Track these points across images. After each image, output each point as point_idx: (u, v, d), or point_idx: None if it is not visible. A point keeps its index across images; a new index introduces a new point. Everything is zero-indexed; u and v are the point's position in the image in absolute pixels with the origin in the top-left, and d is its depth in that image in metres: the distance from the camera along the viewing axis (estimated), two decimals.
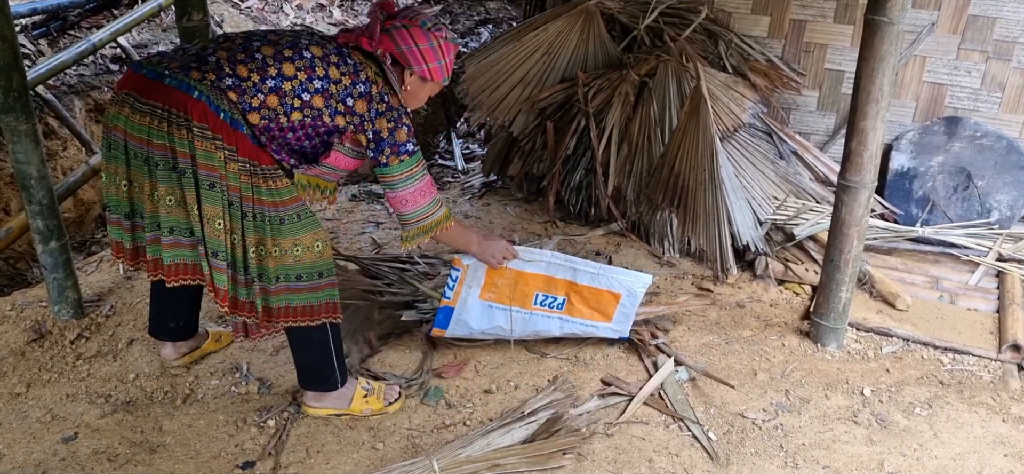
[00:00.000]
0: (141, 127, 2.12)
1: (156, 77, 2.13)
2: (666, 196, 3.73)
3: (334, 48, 2.28)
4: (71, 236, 3.51)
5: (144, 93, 2.12)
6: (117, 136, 2.18)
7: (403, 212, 2.41)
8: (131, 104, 2.13)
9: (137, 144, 2.15)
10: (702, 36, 4.15)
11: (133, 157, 2.18)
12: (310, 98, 2.20)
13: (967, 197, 3.91)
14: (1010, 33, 3.80)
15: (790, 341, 3.10)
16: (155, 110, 2.10)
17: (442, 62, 2.41)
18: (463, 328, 2.88)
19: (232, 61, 2.15)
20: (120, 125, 2.16)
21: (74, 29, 4.74)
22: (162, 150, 2.13)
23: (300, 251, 2.29)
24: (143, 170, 2.18)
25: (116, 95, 2.20)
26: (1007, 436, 2.60)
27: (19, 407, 2.69)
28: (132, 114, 2.13)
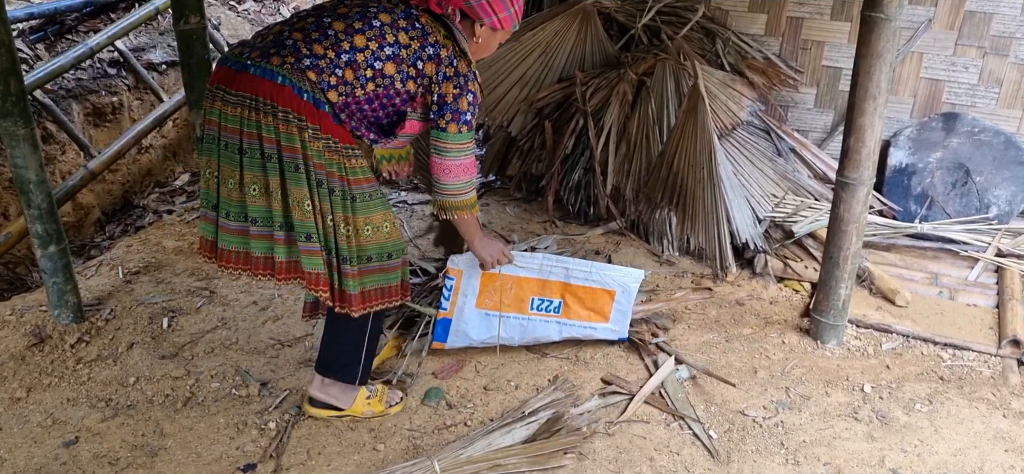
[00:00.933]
0: (234, 118, 2.16)
1: (241, 68, 2.16)
2: (665, 195, 3.73)
3: (402, 12, 2.27)
4: (70, 240, 3.51)
5: (232, 84, 2.15)
6: (211, 130, 2.21)
7: (443, 181, 2.37)
8: (222, 97, 2.17)
9: (231, 135, 2.18)
10: (699, 34, 4.15)
11: (224, 148, 2.21)
12: (382, 66, 2.21)
13: (965, 193, 3.92)
14: (1007, 28, 3.80)
15: (790, 338, 3.10)
16: (244, 100, 2.13)
17: (511, 10, 2.40)
18: (463, 338, 2.88)
19: (308, 41, 2.17)
20: (214, 118, 2.20)
21: (71, 33, 4.73)
22: (251, 138, 2.16)
23: (370, 231, 2.30)
24: (233, 161, 2.20)
25: (209, 90, 2.23)
26: (1007, 431, 2.60)
27: (20, 412, 2.69)
28: (224, 107, 2.17)
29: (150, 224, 4.35)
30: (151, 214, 4.60)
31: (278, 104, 2.11)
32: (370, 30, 2.20)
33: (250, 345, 3.07)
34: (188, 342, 3.09)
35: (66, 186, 3.94)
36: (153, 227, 4.19)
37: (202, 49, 3.62)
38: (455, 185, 2.38)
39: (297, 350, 3.04)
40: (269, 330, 3.18)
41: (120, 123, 4.69)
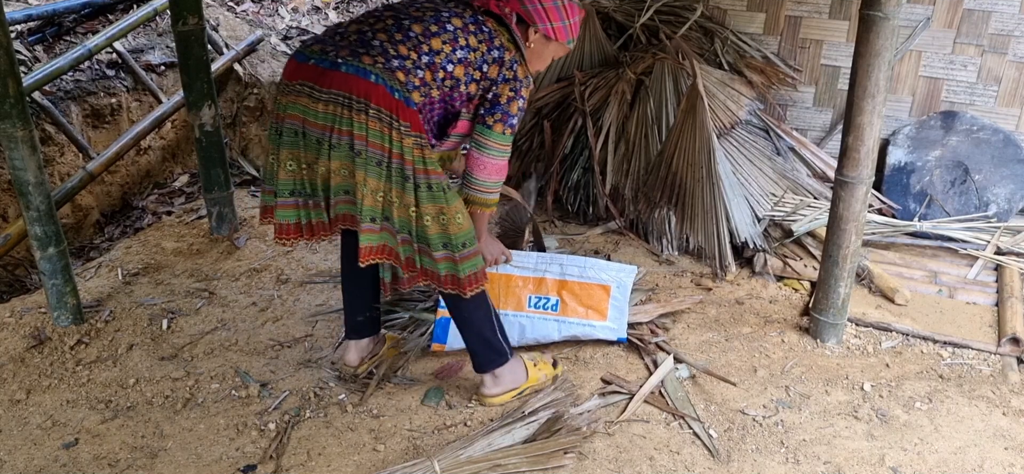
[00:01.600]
0: (324, 115, 2.19)
1: (331, 66, 2.19)
2: (664, 194, 3.73)
3: (471, 17, 2.34)
4: (69, 242, 3.50)
5: (321, 82, 2.19)
6: (294, 123, 2.24)
7: (477, 176, 2.43)
8: (308, 93, 2.20)
9: (319, 131, 2.22)
10: (698, 33, 4.15)
11: (304, 137, 2.25)
12: (453, 68, 2.27)
13: (965, 191, 3.92)
14: (1005, 27, 3.80)
15: (790, 337, 3.11)
16: (337, 98, 2.17)
17: (566, 22, 2.44)
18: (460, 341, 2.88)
19: (393, 42, 2.23)
20: (298, 113, 2.23)
21: (70, 35, 4.72)
22: (342, 135, 2.20)
23: (461, 219, 2.33)
24: (318, 150, 2.24)
25: (288, 85, 2.26)
26: (1007, 429, 2.60)
27: (19, 414, 2.69)
28: (312, 103, 2.20)
29: (149, 225, 4.35)
30: (150, 215, 4.59)
31: (371, 101, 2.15)
32: (445, 33, 2.27)
33: (250, 346, 3.07)
34: (187, 343, 3.09)
35: (65, 188, 3.93)
36: (152, 228, 4.19)
37: (200, 50, 3.62)
38: (487, 182, 2.45)
39: (297, 351, 3.04)
40: (269, 331, 3.18)
41: (119, 124, 4.68)
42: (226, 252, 3.83)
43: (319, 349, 3.05)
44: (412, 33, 2.25)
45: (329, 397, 2.76)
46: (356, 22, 2.34)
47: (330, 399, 2.75)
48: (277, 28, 5.85)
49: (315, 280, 3.54)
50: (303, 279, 3.56)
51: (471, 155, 2.43)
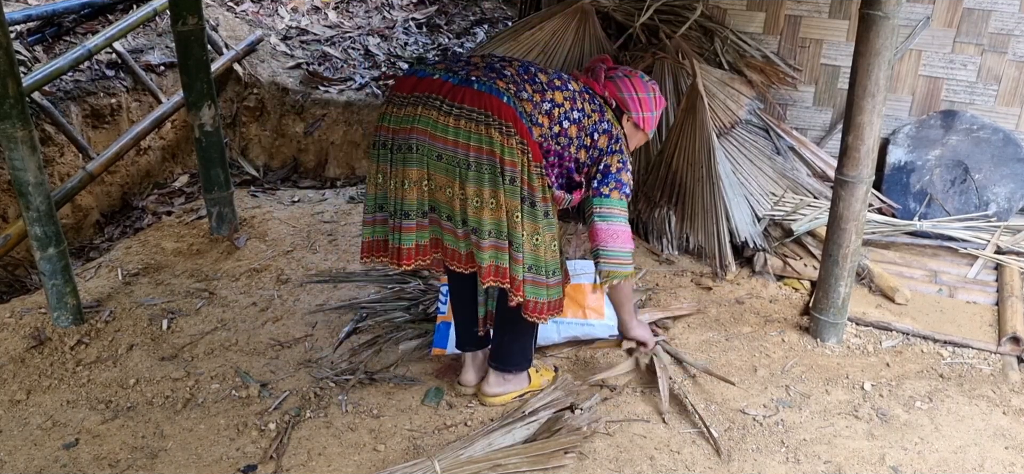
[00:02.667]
0: (455, 130, 2.22)
1: (462, 82, 2.24)
2: (664, 193, 3.73)
3: (585, 87, 2.49)
4: (69, 242, 3.50)
5: (452, 97, 2.23)
6: (421, 139, 2.25)
7: (610, 246, 2.47)
8: (437, 107, 2.23)
9: (442, 145, 2.24)
10: (698, 33, 4.15)
11: (435, 158, 2.26)
12: (568, 126, 2.37)
13: (965, 190, 3.92)
14: (1005, 26, 3.80)
15: (790, 337, 3.10)
16: (471, 114, 2.21)
17: (654, 113, 2.60)
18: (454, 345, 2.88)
19: (521, 79, 2.32)
20: (421, 127, 2.24)
21: (69, 35, 4.72)
22: (477, 152, 2.23)
23: (555, 247, 2.40)
24: (447, 167, 2.26)
25: (406, 97, 2.28)
26: (1008, 428, 2.60)
27: (19, 414, 2.69)
28: (440, 117, 2.23)
29: (149, 226, 4.35)
30: (150, 216, 4.60)
31: (503, 119, 2.21)
32: (566, 91, 2.38)
33: (250, 346, 3.07)
34: (188, 343, 3.09)
35: (65, 188, 3.93)
36: (152, 229, 4.19)
37: (200, 50, 3.62)
38: (621, 251, 2.48)
39: (297, 351, 3.04)
40: (269, 331, 3.18)
41: (118, 125, 4.68)
42: (226, 252, 3.83)
43: (319, 349, 3.05)
44: (538, 79, 2.35)
45: (329, 397, 2.76)
46: (479, 55, 2.42)
47: (330, 399, 2.75)
48: (277, 28, 5.85)
49: (315, 280, 3.54)
50: (303, 279, 3.56)
51: (598, 230, 2.47)
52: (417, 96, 2.26)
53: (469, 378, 2.76)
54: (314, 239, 3.96)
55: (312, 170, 5.25)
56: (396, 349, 3.02)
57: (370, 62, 5.72)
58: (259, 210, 4.31)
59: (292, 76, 5.35)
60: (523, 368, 2.69)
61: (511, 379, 2.70)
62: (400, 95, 2.29)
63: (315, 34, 5.95)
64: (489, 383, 2.69)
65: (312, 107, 5.20)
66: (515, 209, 2.27)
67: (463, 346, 2.76)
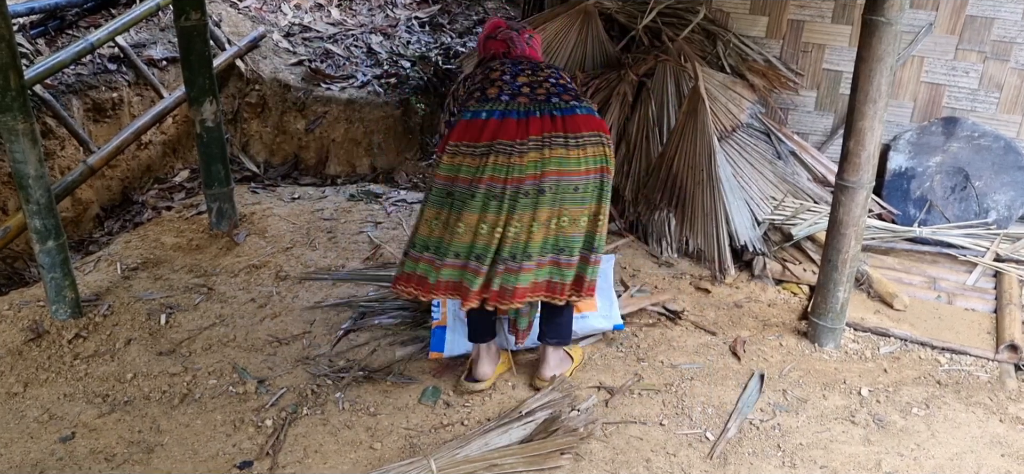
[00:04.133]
0: (587, 159, 2.32)
1: (569, 111, 2.34)
2: (664, 196, 3.73)
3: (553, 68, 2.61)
4: (69, 235, 3.51)
5: (569, 128, 2.32)
6: (552, 179, 2.32)
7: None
8: (563, 144, 2.31)
9: (576, 178, 2.33)
10: (700, 36, 4.15)
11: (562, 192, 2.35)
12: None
13: (965, 197, 3.92)
14: (1008, 33, 3.80)
15: (788, 341, 3.10)
16: (592, 139, 2.34)
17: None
18: (460, 346, 2.88)
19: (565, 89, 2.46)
20: (553, 168, 2.31)
21: (72, 28, 4.72)
22: (596, 173, 2.34)
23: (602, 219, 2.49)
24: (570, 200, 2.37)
25: (524, 143, 2.30)
26: (1004, 436, 2.60)
27: (16, 407, 2.69)
28: (569, 152, 2.32)
29: (149, 220, 4.35)
30: (150, 210, 4.59)
31: (606, 133, 2.36)
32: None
33: (247, 342, 3.07)
34: (186, 339, 3.09)
35: (65, 181, 3.93)
36: (152, 223, 4.19)
37: (203, 46, 3.62)
38: None
39: (294, 348, 3.04)
40: (267, 328, 3.18)
41: (120, 119, 4.68)
42: (225, 248, 3.83)
43: (317, 346, 3.05)
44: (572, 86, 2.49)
45: (326, 394, 2.76)
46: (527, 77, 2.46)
47: (327, 396, 2.75)
48: (279, 25, 5.85)
49: (314, 277, 3.54)
50: (302, 276, 3.56)
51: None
52: (538, 139, 2.31)
53: (485, 371, 2.77)
54: (314, 236, 3.96)
55: (313, 167, 5.25)
56: (393, 351, 3.02)
57: (372, 60, 5.71)
58: (259, 206, 4.31)
59: (294, 73, 5.35)
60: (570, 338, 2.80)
61: (563, 361, 2.80)
62: (509, 142, 2.30)
63: (317, 31, 5.95)
64: (548, 365, 2.76)
65: (314, 104, 5.20)
66: (582, 214, 2.41)
67: (478, 338, 2.75)
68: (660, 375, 2.88)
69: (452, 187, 2.35)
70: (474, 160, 2.31)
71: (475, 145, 2.32)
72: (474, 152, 2.32)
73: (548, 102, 2.36)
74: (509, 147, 2.30)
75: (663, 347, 3.06)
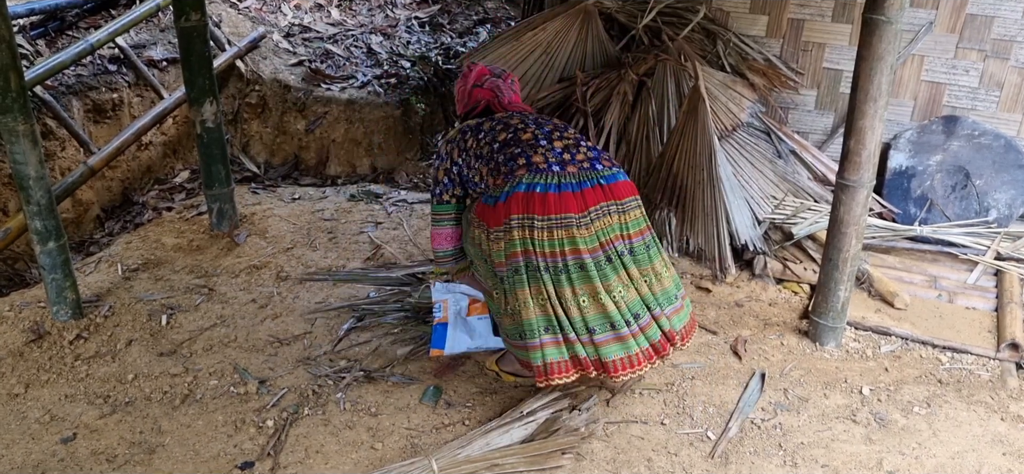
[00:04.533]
0: (635, 222, 2.39)
1: (611, 179, 2.39)
2: (664, 195, 3.73)
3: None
4: (69, 236, 3.50)
5: (617, 195, 2.37)
6: (623, 242, 2.37)
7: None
8: (621, 210, 2.37)
9: (639, 239, 2.38)
10: (700, 35, 4.15)
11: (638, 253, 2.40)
12: None
13: (965, 196, 3.92)
14: (1008, 32, 3.80)
15: (789, 340, 3.10)
16: (635, 202, 2.42)
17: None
18: (461, 344, 2.88)
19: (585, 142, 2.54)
20: (619, 232, 2.36)
21: (72, 29, 4.72)
22: (646, 233, 2.43)
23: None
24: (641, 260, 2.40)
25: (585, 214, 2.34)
26: (1005, 434, 2.60)
27: (18, 408, 2.69)
28: (622, 218, 2.37)
29: (149, 221, 4.35)
30: (150, 211, 4.59)
31: (626, 196, 2.40)
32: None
33: (248, 343, 3.07)
34: (187, 339, 3.09)
35: (66, 182, 3.93)
36: (152, 224, 4.19)
37: (203, 46, 3.62)
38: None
39: (295, 348, 3.04)
40: (268, 328, 3.18)
41: (120, 120, 4.68)
42: (226, 249, 3.83)
43: (318, 347, 3.05)
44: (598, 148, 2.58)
45: (327, 395, 2.76)
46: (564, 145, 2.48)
47: (328, 397, 2.75)
48: (279, 25, 5.85)
49: (315, 278, 3.54)
50: (303, 276, 3.56)
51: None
52: (598, 209, 2.34)
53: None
54: (314, 236, 3.96)
55: (313, 168, 5.25)
56: (394, 350, 3.02)
57: (372, 60, 5.71)
58: (260, 207, 4.31)
59: (294, 73, 5.35)
60: None
61: None
62: (575, 215, 2.31)
63: (317, 31, 5.95)
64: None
65: (314, 104, 5.20)
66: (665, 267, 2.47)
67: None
68: (661, 374, 2.88)
69: (534, 261, 2.33)
70: (542, 234, 2.31)
71: (536, 218, 2.31)
72: (538, 225, 2.31)
73: (594, 170, 2.41)
74: (573, 220, 2.31)
75: None
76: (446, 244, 2.71)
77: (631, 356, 2.39)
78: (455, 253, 2.71)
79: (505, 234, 2.35)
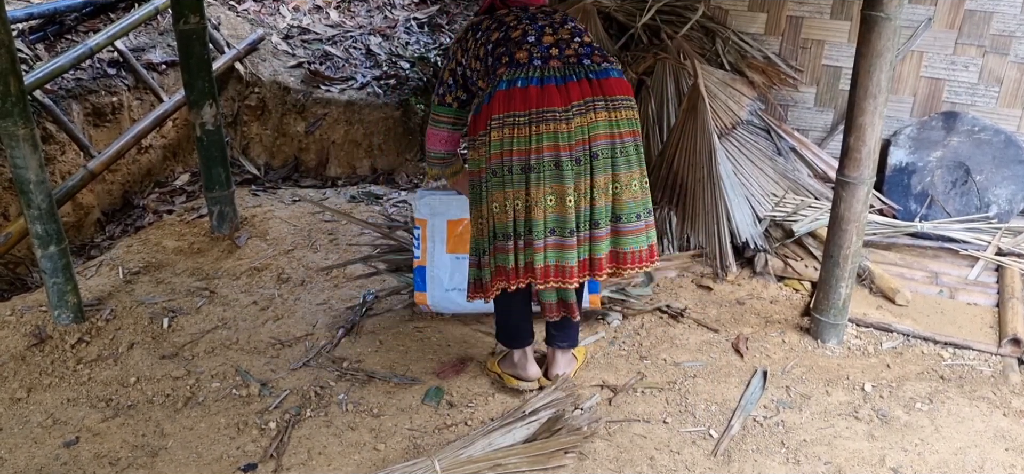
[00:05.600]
0: (624, 122, 2.26)
1: (603, 74, 2.28)
2: (665, 194, 3.73)
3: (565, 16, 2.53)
4: (70, 240, 3.51)
5: (606, 91, 2.26)
6: (602, 143, 2.26)
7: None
8: (606, 106, 2.26)
9: (621, 140, 2.27)
10: (699, 33, 4.15)
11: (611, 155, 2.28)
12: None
13: (966, 192, 3.91)
14: (1007, 27, 3.80)
15: (790, 337, 3.10)
16: (626, 102, 2.27)
17: None
18: (438, 288, 2.87)
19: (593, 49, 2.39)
20: (602, 131, 2.25)
21: (71, 33, 4.72)
22: (630, 136, 2.27)
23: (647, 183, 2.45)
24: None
25: (566, 109, 2.25)
26: (1008, 430, 2.60)
27: (20, 412, 2.69)
28: (610, 114, 2.26)
29: (150, 224, 4.35)
30: (151, 214, 4.59)
31: (619, 95, 2.28)
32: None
33: (250, 345, 3.07)
34: (188, 342, 3.09)
35: (66, 186, 3.93)
36: (153, 227, 4.19)
37: (202, 49, 3.63)
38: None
39: (297, 350, 3.04)
40: (269, 330, 3.18)
41: (120, 123, 4.68)
42: (227, 251, 3.83)
43: (320, 348, 3.05)
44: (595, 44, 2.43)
45: (330, 396, 2.76)
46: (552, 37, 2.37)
47: (330, 398, 2.75)
48: (278, 27, 5.85)
49: (316, 279, 3.54)
50: (304, 278, 3.56)
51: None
52: (581, 104, 2.25)
53: (534, 371, 2.75)
54: (315, 238, 3.96)
55: (313, 169, 5.25)
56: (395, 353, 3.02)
57: (371, 61, 5.71)
58: (260, 209, 4.31)
59: (293, 75, 5.35)
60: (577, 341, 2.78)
61: (570, 360, 2.80)
62: (557, 109, 2.24)
63: (316, 33, 5.95)
64: (559, 365, 2.75)
65: (313, 106, 5.20)
66: (633, 179, 2.34)
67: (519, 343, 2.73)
68: (663, 373, 2.88)
69: (510, 162, 2.26)
70: (523, 131, 2.24)
71: (518, 115, 2.24)
72: (519, 122, 2.24)
73: (581, 64, 2.30)
74: (555, 114, 2.23)
75: (665, 345, 3.06)
76: (439, 146, 2.63)
77: (565, 266, 2.33)
78: (447, 156, 2.65)
79: (486, 136, 2.29)
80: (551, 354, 2.75)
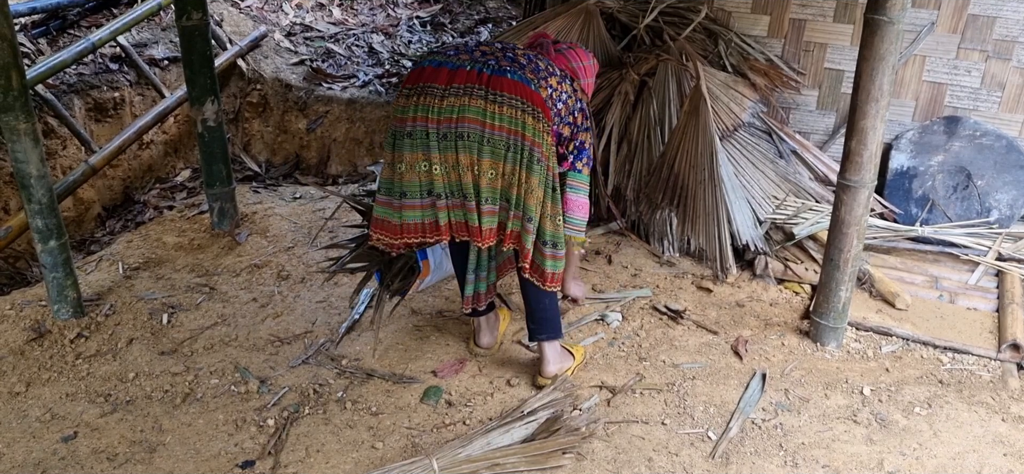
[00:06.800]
0: (502, 116, 2.34)
1: (498, 72, 2.36)
2: (665, 195, 3.73)
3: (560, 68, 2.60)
4: (70, 235, 3.51)
5: (492, 86, 2.35)
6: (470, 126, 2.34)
7: (576, 215, 2.67)
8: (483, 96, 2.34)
9: (491, 131, 2.35)
10: (702, 35, 4.15)
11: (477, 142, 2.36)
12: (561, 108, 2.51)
13: (967, 196, 3.91)
14: (1010, 32, 3.80)
15: (790, 340, 3.10)
16: (512, 101, 2.35)
17: (593, 80, 2.84)
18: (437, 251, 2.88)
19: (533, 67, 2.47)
20: (472, 116, 2.33)
21: (73, 28, 4.73)
22: (511, 135, 2.35)
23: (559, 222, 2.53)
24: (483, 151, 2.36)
25: (446, 88, 2.35)
26: (1006, 435, 2.60)
27: (19, 406, 2.69)
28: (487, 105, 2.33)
29: (150, 220, 4.35)
30: (152, 210, 4.60)
31: (537, 106, 2.37)
32: (556, 75, 2.53)
33: (249, 342, 3.07)
34: (187, 338, 3.09)
35: (67, 181, 3.93)
36: (153, 223, 4.19)
37: (204, 45, 3.63)
38: (583, 220, 2.71)
39: (296, 347, 3.04)
40: (268, 327, 3.18)
41: (121, 118, 4.68)
42: (227, 248, 3.83)
43: (319, 346, 3.05)
44: (539, 66, 2.48)
45: (328, 394, 2.76)
46: (486, 44, 2.53)
47: (329, 396, 2.75)
48: (281, 24, 5.85)
49: (316, 276, 3.55)
50: (304, 275, 3.56)
51: (569, 200, 2.65)
52: (459, 87, 2.36)
53: (486, 340, 2.97)
54: (315, 236, 3.96)
55: (314, 167, 5.26)
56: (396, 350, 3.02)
57: (374, 59, 5.72)
58: (260, 206, 4.31)
59: (295, 72, 5.35)
60: (556, 336, 2.79)
61: (564, 355, 2.83)
62: (437, 86, 2.37)
63: (319, 31, 5.95)
64: (549, 362, 2.78)
65: (315, 104, 5.21)
66: (539, 188, 2.40)
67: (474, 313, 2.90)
68: (662, 374, 2.88)
69: (399, 127, 2.41)
70: (410, 100, 2.38)
71: (411, 87, 2.40)
72: (407, 92, 2.40)
73: (485, 62, 2.40)
74: (432, 89, 2.37)
75: (665, 346, 3.06)
76: None
77: (431, 223, 2.47)
78: None
79: (395, 103, 2.45)
80: (540, 349, 2.80)
